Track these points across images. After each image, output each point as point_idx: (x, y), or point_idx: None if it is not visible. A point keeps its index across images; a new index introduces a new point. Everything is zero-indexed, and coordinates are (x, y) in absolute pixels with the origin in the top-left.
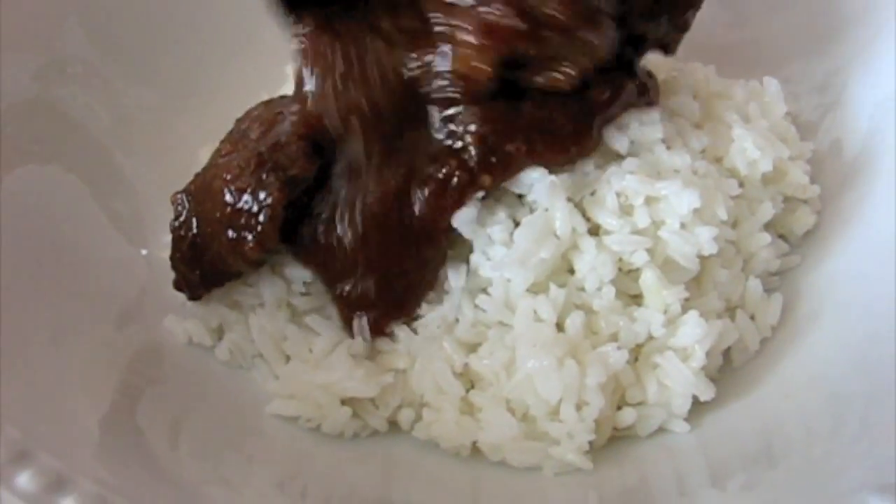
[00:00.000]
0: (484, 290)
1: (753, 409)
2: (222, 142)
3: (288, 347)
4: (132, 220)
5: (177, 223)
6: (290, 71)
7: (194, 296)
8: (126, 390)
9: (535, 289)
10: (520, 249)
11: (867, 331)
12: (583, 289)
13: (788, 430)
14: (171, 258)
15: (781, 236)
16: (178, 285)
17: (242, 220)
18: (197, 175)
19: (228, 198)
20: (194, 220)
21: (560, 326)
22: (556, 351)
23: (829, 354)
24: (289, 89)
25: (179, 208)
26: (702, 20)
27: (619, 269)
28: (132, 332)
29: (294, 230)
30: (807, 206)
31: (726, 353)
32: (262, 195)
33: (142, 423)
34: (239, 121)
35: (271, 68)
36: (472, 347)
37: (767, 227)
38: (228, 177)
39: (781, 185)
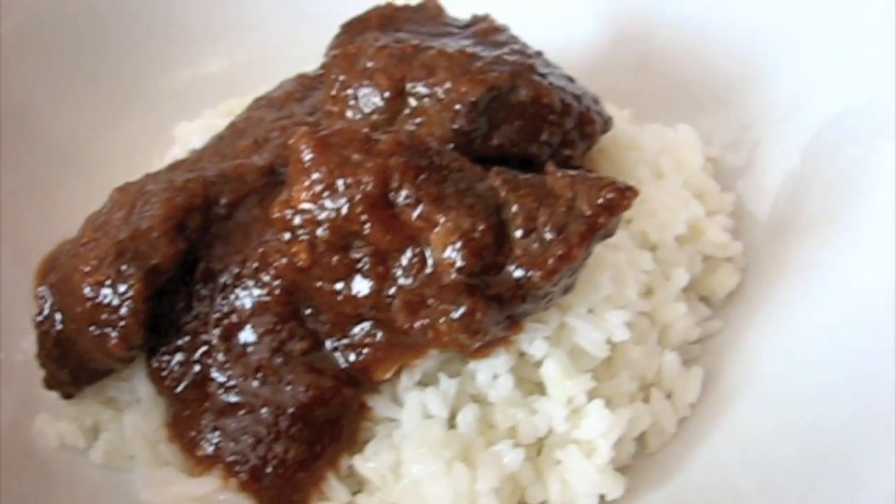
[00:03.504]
0: None
1: (671, 498)
2: (84, 225)
3: (164, 450)
4: None
5: (40, 318)
6: (177, 133)
7: (66, 394)
8: None
9: (426, 380)
10: None
11: (799, 401)
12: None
13: None
14: (38, 356)
15: (703, 298)
16: (49, 383)
17: (104, 316)
18: (59, 264)
19: (88, 292)
20: (58, 314)
21: (454, 420)
22: (445, 453)
23: (757, 430)
24: (177, 154)
25: (42, 302)
26: (609, 62)
27: (522, 356)
28: None
29: (164, 321)
30: (730, 263)
31: (641, 437)
32: (122, 288)
33: None
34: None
35: (157, 129)
36: (360, 445)
37: (687, 289)
38: (87, 269)
39: (699, 244)
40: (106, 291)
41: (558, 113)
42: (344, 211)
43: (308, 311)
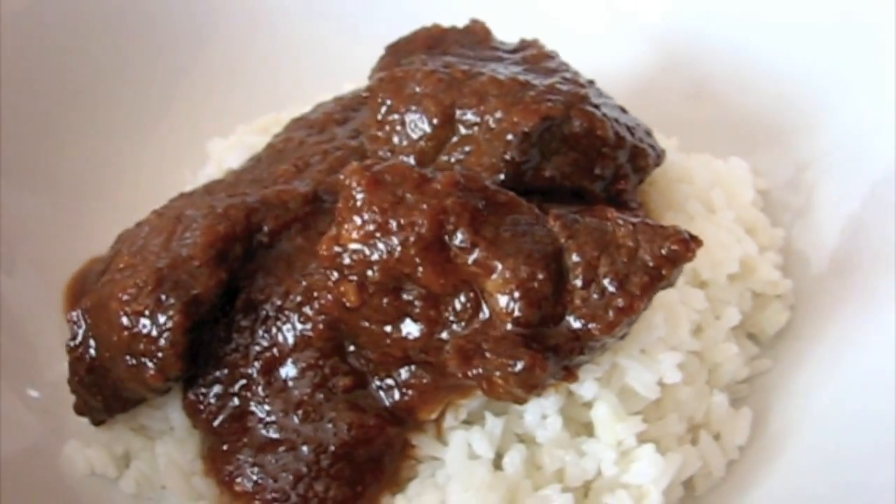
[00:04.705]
0: None
1: None
2: (116, 245)
3: (198, 483)
4: (12, 343)
5: (73, 343)
6: (210, 149)
7: (97, 420)
8: None
9: (471, 418)
10: None
11: (851, 449)
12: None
13: None
14: (70, 381)
15: (752, 336)
16: (80, 409)
17: (141, 346)
18: (92, 286)
19: (125, 321)
20: (92, 340)
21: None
22: (491, 496)
23: (807, 478)
24: (211, 172)
25: (76, 327)
26: (658, 90)
27: (570, 395)
28: (24, 464)
29: (202, 352)
30: (779, 301)
31: (688, 480)
32: (161, 319)
33: None
34: (139, 225)
35: (187, 145)
36: (402, 484)
37: (735, 327)
38: (125, 297)
39: (750, 282)
40: (144, 321)
41: (612, 146)
42: (396, 253)
43: (352, 348)
